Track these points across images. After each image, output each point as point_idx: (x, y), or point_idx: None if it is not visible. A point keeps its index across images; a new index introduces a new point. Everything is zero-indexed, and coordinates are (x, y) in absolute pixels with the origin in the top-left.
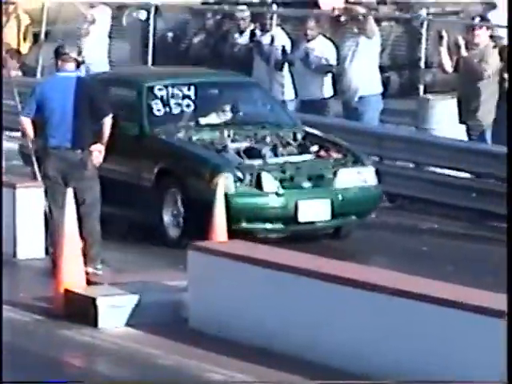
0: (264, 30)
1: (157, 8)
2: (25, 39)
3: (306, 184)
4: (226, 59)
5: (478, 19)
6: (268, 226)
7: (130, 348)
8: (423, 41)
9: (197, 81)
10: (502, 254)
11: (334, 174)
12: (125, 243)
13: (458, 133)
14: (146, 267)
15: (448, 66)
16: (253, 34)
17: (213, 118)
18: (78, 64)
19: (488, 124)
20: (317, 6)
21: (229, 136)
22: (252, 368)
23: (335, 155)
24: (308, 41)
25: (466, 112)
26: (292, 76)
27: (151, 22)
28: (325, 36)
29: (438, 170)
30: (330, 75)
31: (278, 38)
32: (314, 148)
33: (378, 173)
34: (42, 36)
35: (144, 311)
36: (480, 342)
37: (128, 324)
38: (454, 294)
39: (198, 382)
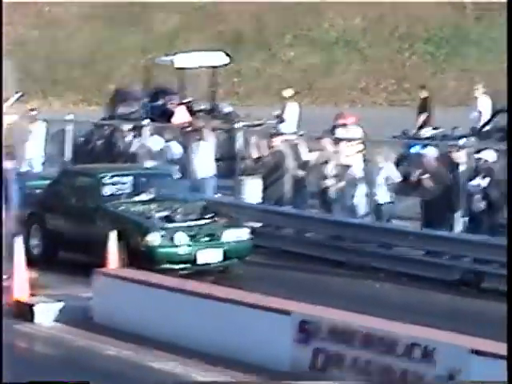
0: (139, 137)
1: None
2: None
3: (205, 239)
4: (116, 156)
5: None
6: (179, 266)
7: (56, 335)
8: (239, 142)
9: (132, 172)
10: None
11: (222, 232)
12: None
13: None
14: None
15: (255, 157)
16: (132, 139)
17: (143, 197)
18: None
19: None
20: (172, 121)
21: (154, 208)
22: (133, 347)
23: (222, 220)
24: (164, 143)
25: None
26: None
27: (70, 131)
28: (175, 140)
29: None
30: (177, 166)
31: (148, 141)
32: (208, 215)
33: (250, 231)
34: None
35: (65, 312)
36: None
37: (55, 320)
38: (258, 300)
39: (97, 354)
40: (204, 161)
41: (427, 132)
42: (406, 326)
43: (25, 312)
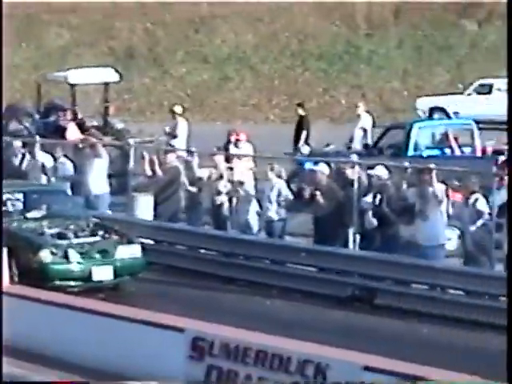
0: (30, 154)
1: None
2: None
3: (97, 256)
4: (8, 173)
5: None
6: (72, 283)
7: None
8: (131, 158)
9: (23, 189)
10: None
11: (115, 249)
12: None
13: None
14: None
15: (149, 173)
16: (23, 156)
17: (34, 213)
18: None
19: None
20: (64, 137)
21: (45, 225)
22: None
23: (114, 237)
24: (55, 160)
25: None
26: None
27: None
28: (66, 157)
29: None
30: (69, 183)
31: (40, 158)
32: (101, 232)
33: (143, 248)
34: None
35: None
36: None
37: None
38: (151, 316)
39: None
40: (97, 177)
41: (305, 149)
42: (299, 342)
43: None
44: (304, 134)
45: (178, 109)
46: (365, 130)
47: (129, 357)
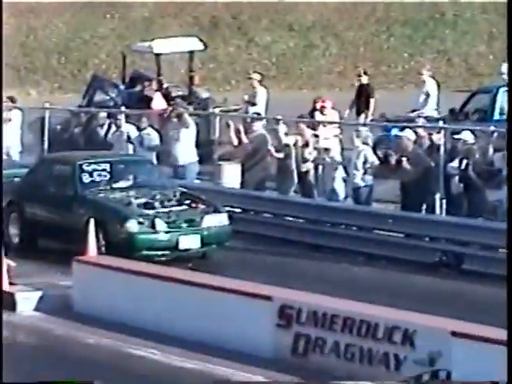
0: (116, 124)
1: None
2: None
3: (184, 225)
4: (94, 144)
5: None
6: (159, 252)
7: (37, 324)
8: (217, 127)
9: (110, 159)
10: None
11: (201, 218)
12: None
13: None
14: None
15: (235, 142)
16: (109, 126)
17: (121, 184)
18: None
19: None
20: (149, 107)
21: (132, 195)
22: (114, 335)
23: (201, 206)
24: (141, 130)
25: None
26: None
27: (46, 120)
28: (152, 127)
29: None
30: (155, 153)
31: (125, 129)
32: (187, 201)
33: (229, 216)
34: None
35: (45, 301)
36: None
37: (35, 309)
38: (238, 285)
39: (78, 343)
40: (185, 147)
41: (366, 119)
42: (386, 309)
43: (6, 301)
44: (372, 101)
45: (256, 76)
46: (428, 95)
47: (217, 326)
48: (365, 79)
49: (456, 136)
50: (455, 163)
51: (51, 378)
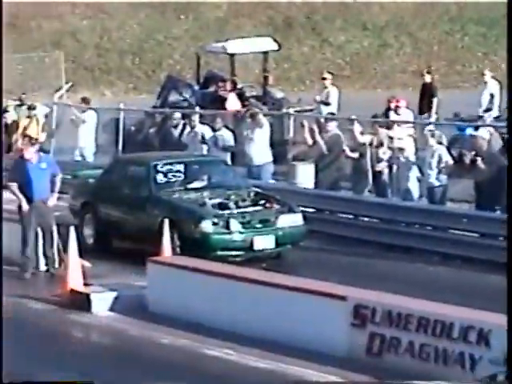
0: (190, 125)
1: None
2: (42, 131)
3: (258, 225)
4: (168, 144)
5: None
6: (234, 253)
7: (112, 324)
8: (291, 128)
9: (184, 160)
10: None
11: (276, 218)
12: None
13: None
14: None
15: (310, 142)
16: (183, 127)
17: (195, 184)
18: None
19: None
20: (224, 108)
21: (207, 195)
22: (189, 336)
23: (276, 206)
24: (215, 130)
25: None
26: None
27: (121, 120)
28: (227, 127)
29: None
30: (229, 153)
31: (200, 129)
32: (262, 202)
33: (304, 216)
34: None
35: (119, 301)
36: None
37: (110, 309)
38: (313, 285)
39: (153, 343)
40: (260, 147)
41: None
42: (461, 308)
43: (81, 302)
44: (435, 101)
45: (328, 76)
46: (492, 96)
47: (292, 326)
48: (428, 78)
49: None
50: None
51: (123, 380)
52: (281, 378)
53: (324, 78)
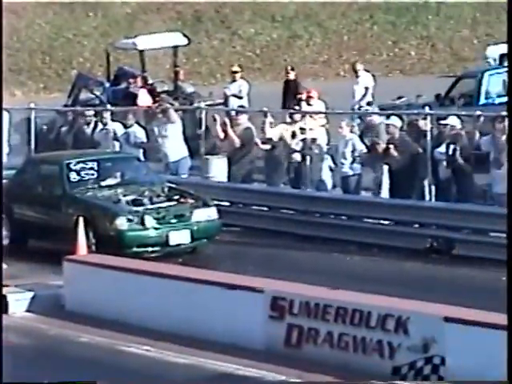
0: (102, 122)
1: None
2: None
3: (173, 221)
4: (80, 142)
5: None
6: (150, 249)
7: (29, 325)
8: (203, 122)
9: (97, 157)
10: None
11: (191, 213)
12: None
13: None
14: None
15: (221, 136)
16: (95, 124)
17: (109, 181)
18: None
19: None
20: (135, 104)
21: (120, 192)
22: (107, 333)
23: (190, 200)
24: (127, 127)
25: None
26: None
27: (32, 120)
28: (138, 124)
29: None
30: (142, 149)
31: (111, 126)
32: (176, 197)
33: (218, 210)
34: None
35: (36, 301)
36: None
37: (27, 310)
38: (229, 279)
39: (71, 342)
40: (174, 142)
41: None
42: (379, 297)
43: None
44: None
45: (238, 69)
46: (366, 88)
47: (210, 320)
48: (292, 75)
49: (442, 122)
50: (442, 149)
51: (46, 379)
52: (201, 373)
53: (234, 72)
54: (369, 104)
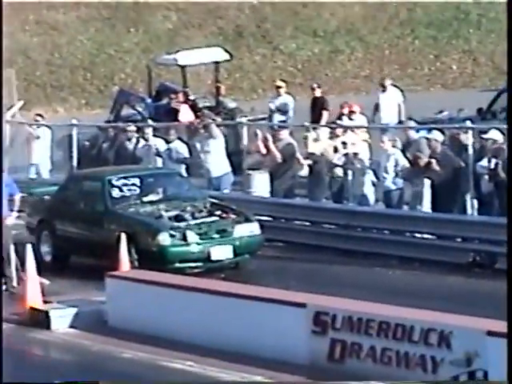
0: (143, 138)
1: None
2: None
3: (215, 236)
4: (122, 158)
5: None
6: (192, 264)
7: (72, 341)
8: (245, 137)
9: (139, 173)
10: None
11: (232, 228)
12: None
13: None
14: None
15: (263, 151)
16: (137, 140)
17: (151, 197)
18: None
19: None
20: (177, 119)
21: (163, 208)
22: (150, 349)
23: (232, 216)
24: (169, 143)
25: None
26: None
27: (74, 136)
28: (180, 139)
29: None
30: (184, 165)
31: (153, 142)
32: (218, 212)
33: (260, 225)
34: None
35: (79, 317)
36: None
37: (70, 326)
38: (272, 294)
39: (114, 358)
40: (216, 158)
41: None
42: (421, 311)
43: (40, 319)
44: (325, 114)
45: (282, 84)
46: (399, 105)
47: (252, 335)
48: (318, 92)
49: (484, 136)
50: (484, 162)
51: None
52: None
53: (278, 87)
54: (480, 111)
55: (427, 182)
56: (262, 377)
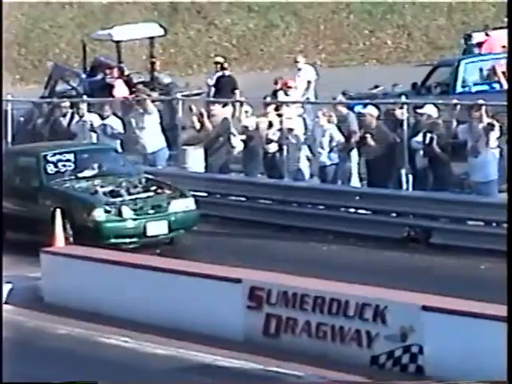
0: (78, 114)
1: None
2: None
3: (151, 211)
4: (57, 133)
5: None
6: (127, 240)
7: (7, 317)
8: (180, 112)
9: (74, 149)
10: None
11: (168, 203)
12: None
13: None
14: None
15: (198, 126)
16: (72, 116)
17: (86, 173)
18: None
19: None
20: (112, 95)
21: (98, 184)
22: (85, 325)
23: (167, 191)
24: (104, 118)
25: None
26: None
27: (9, 112)
28: (115, 115)
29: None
30: (119, 141)
31: (88, 117)
32: (153, 187)
33: (196, 201)
34: None
35: (15, 293)
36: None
37: (5, 302)
38: (207, 269)
39: (51, 335)
40: (151, 134)
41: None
42: (357, 286)
43: None
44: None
45: (220, 60)
46: (308, 82)
47: (187, 310)
48: (227, 72)
49: (419, 110)
50: (419, 138)
51: (23, 370)
52: (180, 364)
53: (217, 63)
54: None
55: (355, 158)
56: (198, 352)
